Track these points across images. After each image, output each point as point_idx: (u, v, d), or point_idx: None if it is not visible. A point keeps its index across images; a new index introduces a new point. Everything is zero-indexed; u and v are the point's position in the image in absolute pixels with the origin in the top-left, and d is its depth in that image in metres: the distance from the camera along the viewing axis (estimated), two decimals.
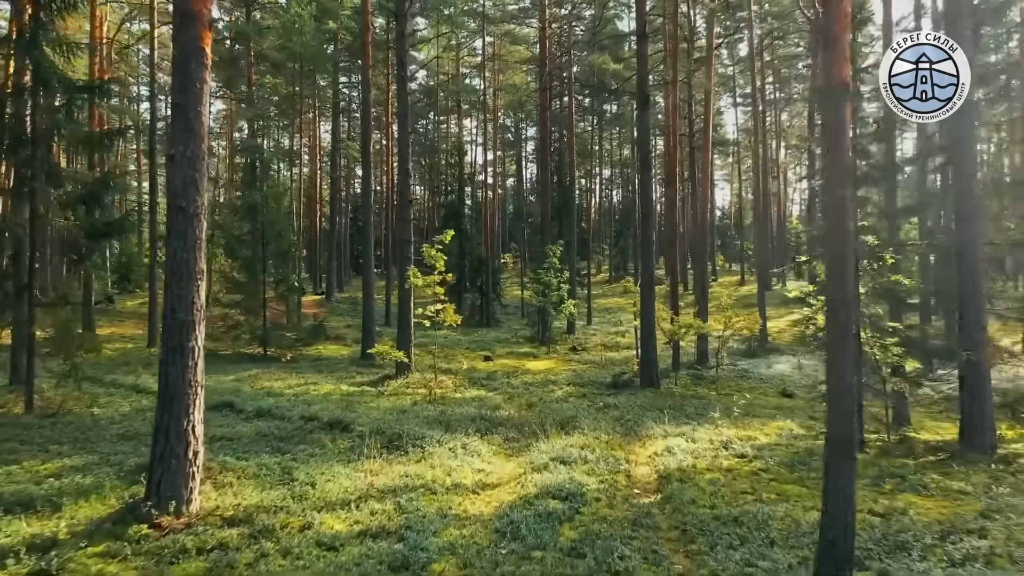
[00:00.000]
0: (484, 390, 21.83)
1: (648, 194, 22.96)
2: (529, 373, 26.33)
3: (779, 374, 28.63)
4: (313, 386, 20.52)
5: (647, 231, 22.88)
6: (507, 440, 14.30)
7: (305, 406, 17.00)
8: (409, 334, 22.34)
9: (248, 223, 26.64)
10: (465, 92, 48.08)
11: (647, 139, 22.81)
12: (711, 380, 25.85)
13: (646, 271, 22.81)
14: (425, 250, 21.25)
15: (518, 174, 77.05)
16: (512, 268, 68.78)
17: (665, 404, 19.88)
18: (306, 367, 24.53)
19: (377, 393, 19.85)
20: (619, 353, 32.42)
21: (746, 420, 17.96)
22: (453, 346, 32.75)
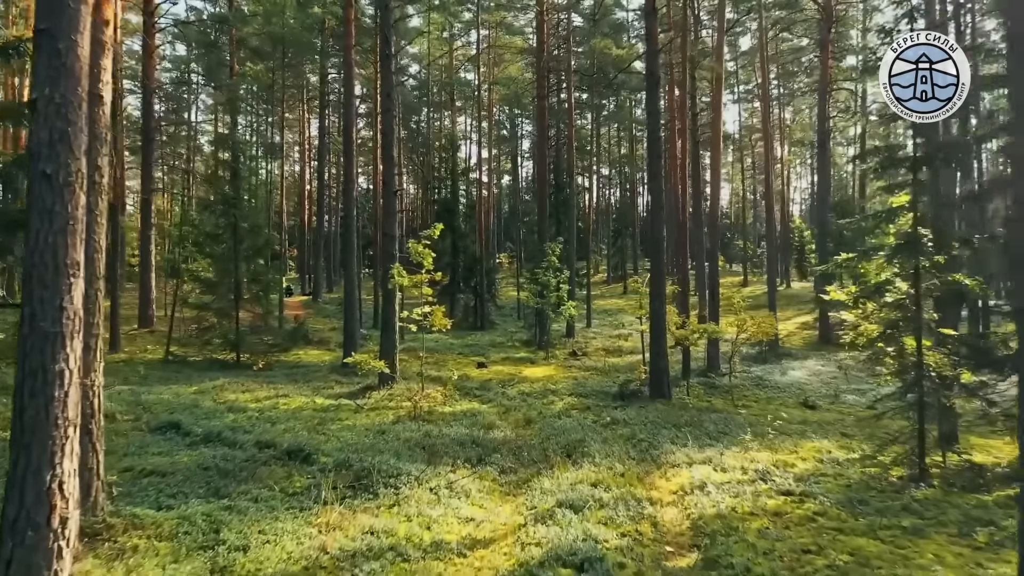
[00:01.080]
0: (477, 402, 19.21)
1: (658, 182, 20.37)
2: (526, 381, 23.72)
3: (796, 382, 26.07)
4: (283, 399, 17.85)
5: (657, 225, 20.28)
6: (503, 472, 11.65)
7: (268, 426, 14.35)
8: (393, 339, 19.70)
9: (221, 218, 23.92)
10: (459, 85, 45.37)
11: (657, 123, 20.21)
12: (725, 389, 23.36)
13: (656, 270, 20.22)
14: (411, 246, 18.63)
15: (514, 172, 74.40)
16: (508, 268, 66.17)
17: (681, 419, 17.31)
18: (280, 376, 21.84)
19: (355, 408, 17.18)
20: (622, 359, 29.82)
21: (775, 439, 15.43)
22: (445, 350, 30.10)
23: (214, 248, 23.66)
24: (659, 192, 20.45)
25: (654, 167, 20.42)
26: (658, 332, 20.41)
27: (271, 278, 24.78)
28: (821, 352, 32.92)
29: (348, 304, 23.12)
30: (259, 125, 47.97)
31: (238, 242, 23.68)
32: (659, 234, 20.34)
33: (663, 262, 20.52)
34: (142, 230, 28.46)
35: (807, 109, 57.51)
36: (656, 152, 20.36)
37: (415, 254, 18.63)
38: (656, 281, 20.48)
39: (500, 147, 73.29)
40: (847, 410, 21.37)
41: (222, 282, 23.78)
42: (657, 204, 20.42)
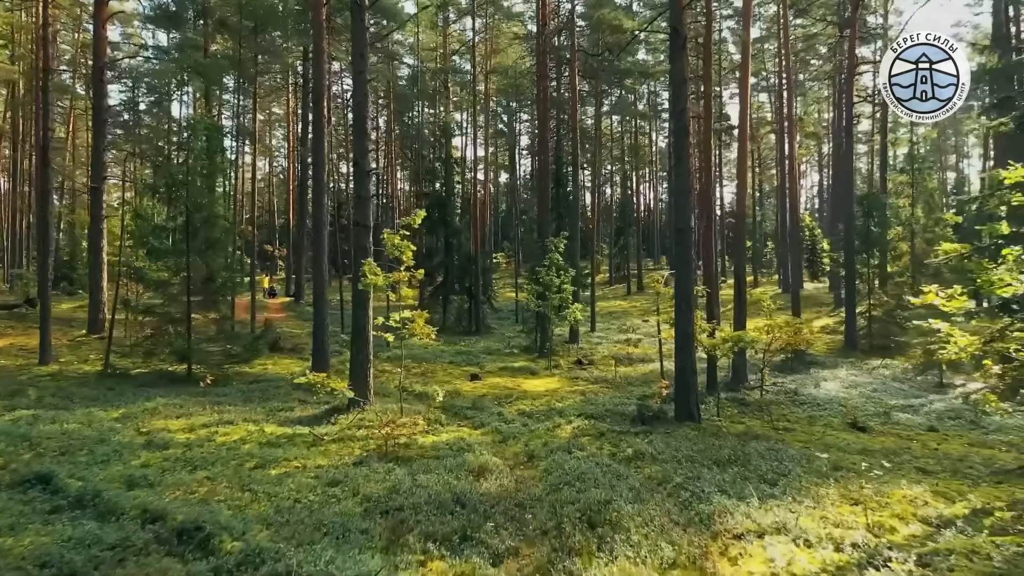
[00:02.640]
0: (467, 428, 15.40)
1: (684, 163, 16.51)
2: (527, 397, 19.92)
3: (833, 396, 22.32)
4: (225, 428, 13.97)
5: (683, 213, 16.47)
6: (497, 559, 7.76)
7: (183, 474, 10.53)
8: (366, 351, 15.84)
9: (171, 206, 20.02)
10: (454, 73, 41.45)
11: (683, 92, 16.37)
12: (758, 407, 19.66)
13: (682, 267, 16.40)
14: (386, 237, 14.78)
15: (512, 169, 70.46)
16: (506, 268, 62.32)
17: (721, 453, 13.54)
18: (234, 393, 17.94)
19: (311, 441, 13.30)
20: (634, 368, 25.99)
21: (846, 481, 11.70)
22: (434, 359, 26.25)
23: (162, 242, 19.73)
24: (686, 174, 16.59)
25: (680, 145, 16.56)
26: (685, 341, 16.58)
27: (231, 276, 20.82)
28: (850, 359, 29.20)
29: (317, 308, 19.24)
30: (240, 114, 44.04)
31: (191, 235, 19.76)
32: (685, 223, 16.50)
33: (691, 257, 16.69)
34: (92, 224, 24.52)
35: (818, 102, 53.78)
36: (682, 126, 16.52)
37: (391, 247, 14.79)
38: (682, 280, 16.65)
39: (497, 142, 69.41)
40: (904, 433, 17.73)
41: (172, 282, 19.86)
42: (683, 187, 16.57)
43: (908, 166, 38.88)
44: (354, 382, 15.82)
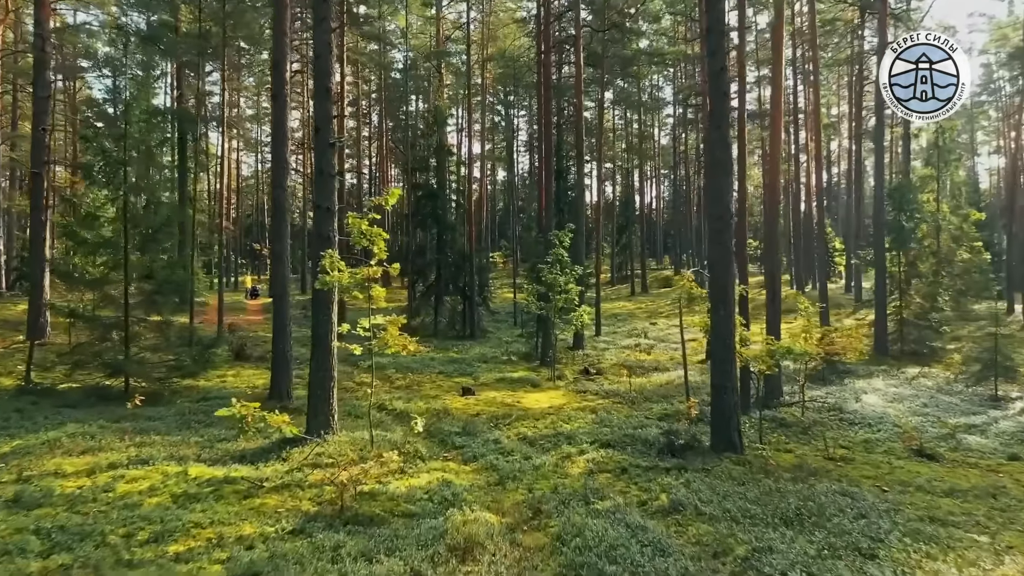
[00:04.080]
0: (454, 464, 11.98)
1: (723, 132, 13.07)
2: (528, 417, 16.51)
3: (881, 413, 19.00)
4: (137, 470, 10.51)
5: (721, 198, 13.04)
6: None
7: (32, 560, 7.03)
8: (328, 365, 12.38)
9: (106, 190, 16.49)
10: (447, 57, 37.96)
11: (721, 47, 12.97)
12: (802, 428, 16.41)
13: (720, 267, 13.02)
14: (351, 221, 11.32)
15: (509, 166, 66.99)
16: (503, 268, 58.83)
17: (785, 503, 10.28)
18: (170, 417, 14.43)
19: (247, 489, 9.84)
20: (648, 379, 22.54)
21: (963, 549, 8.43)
22: (422, 368, 22.81)
23: (96, 233, 16.22)
24: (724, 148, 13.13)
25: (719, 112, 13.12)
26: (723, 353, 13.17)
27: (174, 273, 17.29)
28: (882, 367, 25.79)
29: (276, 311, 15.78)
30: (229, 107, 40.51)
31: (130, 224, 16.28)
32: (723, 209, 13.05)
33: (730, 251, 13.26)
34: (32, 214, 20.99)
35: (830, 94, 50.38)
36: (721, 88, 13.11)
37: (357, 235, 11.35)
38: (719, 279, 13.23)
39: (495, 137, 65.95)
40: (983, 462, 14.42)
41: (107, 280, 16.36)
42: (721, 165, 13.12)
43: (933, 158, 35.72)
44: (313, 405, 12.39)
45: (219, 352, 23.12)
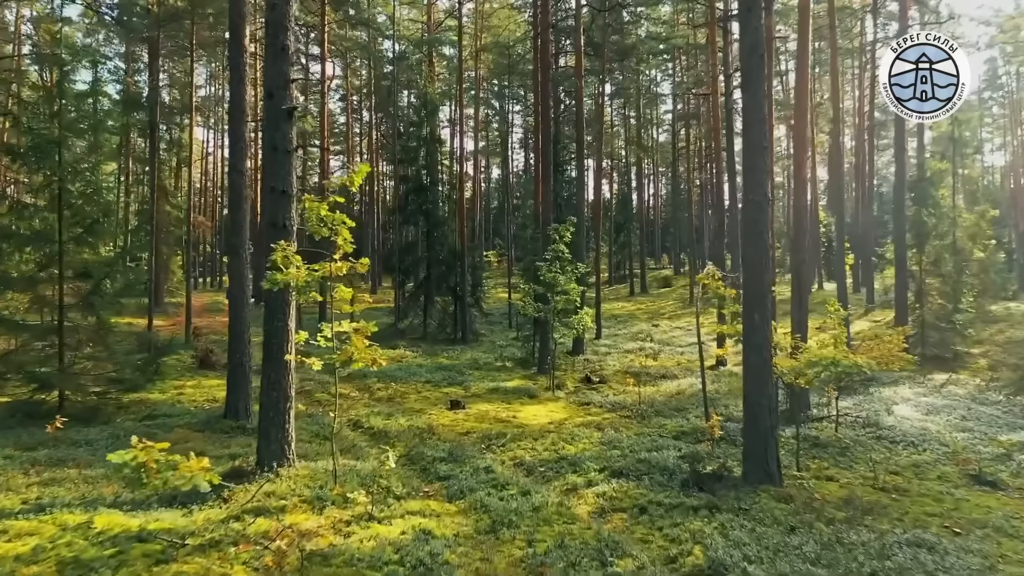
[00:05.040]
0: (433, 503, 9.66)
1: (759, 107, 10.78)
2: (525, 437, 14.22)
3: (917, 427, 16.88)
4: (28, 522, 8.14)
5: (757, 179, 10.75)
6: None
7: None
8: (283, 384, 10.05)
9: (37, 175, 14.08)
10: (438, 44, 35.58)
11: (757, 7, 10.66)
12: (839, 449, 14.31)
13: (754, 264, 10.76)
14: (307, 205, 9.00)
15: (504, 163, 64.67)
16: (497, 267, 56.50)
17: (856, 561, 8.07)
18: (101, 441, 12.03)
19: (162, 550, 7.46)
20: (657, 388, 20.25)
21: None
22: (407, 377, 20.48)
23: (26, 223, 13.83)
24: (760, 122, 10.82)
25: (753, 80, 10.80)
26: (759, 367, 10.88)
27: (128, 271, 14.89)
28: (905, 373, 23.45)
29: (233, 315, 13.42)
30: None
31: (70, 214, 13.89)
32: (760, 193, 10.77)
33: (767, 246, 10.98)
34: None
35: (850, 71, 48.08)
36: (757, 54, 10.76)
37: (315, 222, 9.05)
38: (754, 278, 10.93)
39: (488, 135, 63.56)
40: None
41: (38, 279, 13.96)
42: (756, 141, 10.81)
43: (948, 151, 33.60)
44: (265, 432, 10.06)
45: (183, 358, 20.81)
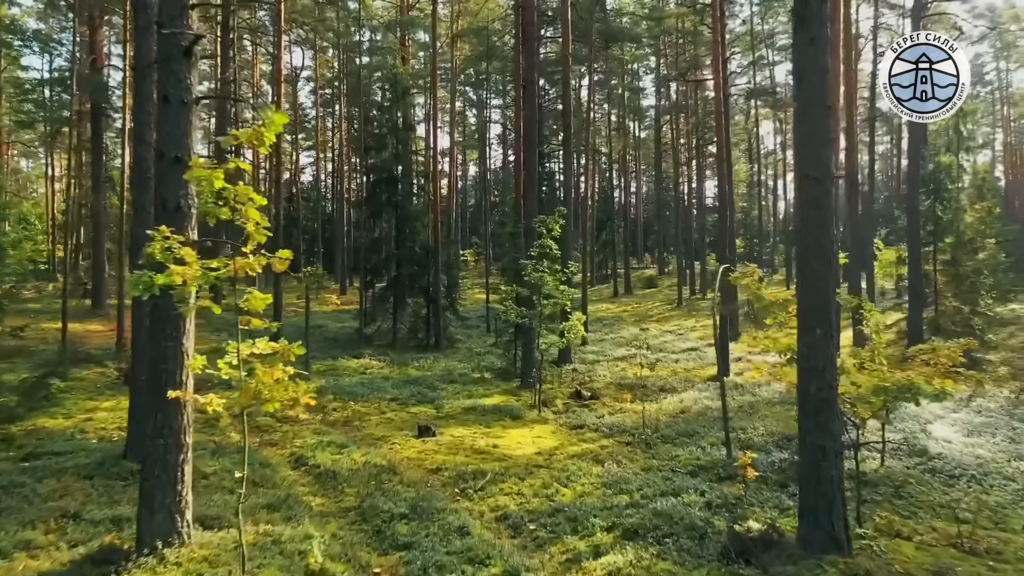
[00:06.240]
0: None
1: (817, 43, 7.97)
2: (510, 477, 11.37)
3: (967, 453, 14.42)
4: None
5: (819, 153, 7.93)
6: None
7: None
8: (174, 423, 7.02)
9: None
10: (411, 26, 32.52)
11: None
12: (892, 489, 11.73)
13: (814, 264, 7.98)
14: (196, 173, 6.00)
15: (482, 159, 61.68)
16: (475, 267, 53.45)
17: None
18: None
19: None
20: (659, 405, 17.40)
21: None
22: (369, 393, 17.43)
23: None
24: (820, 72, 8.03)
25: (813, 17, 7.97)
26: (821, 397, 8.03)
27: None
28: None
29: (138, 323, 10.32)
30: None
31: None
32: (823, 168, 7.96)
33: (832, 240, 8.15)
34: None
35: None
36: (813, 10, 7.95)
37: (208, 197, 6.09)
38: (815, 284, 8.06)
39: (465, 129, 60.54)
40: None
41: None
42: (817, 100, 8.00)
43: (952, 144, 31.34)
44: (147, 495, 7.06)
45: (108, 372, 17.61)
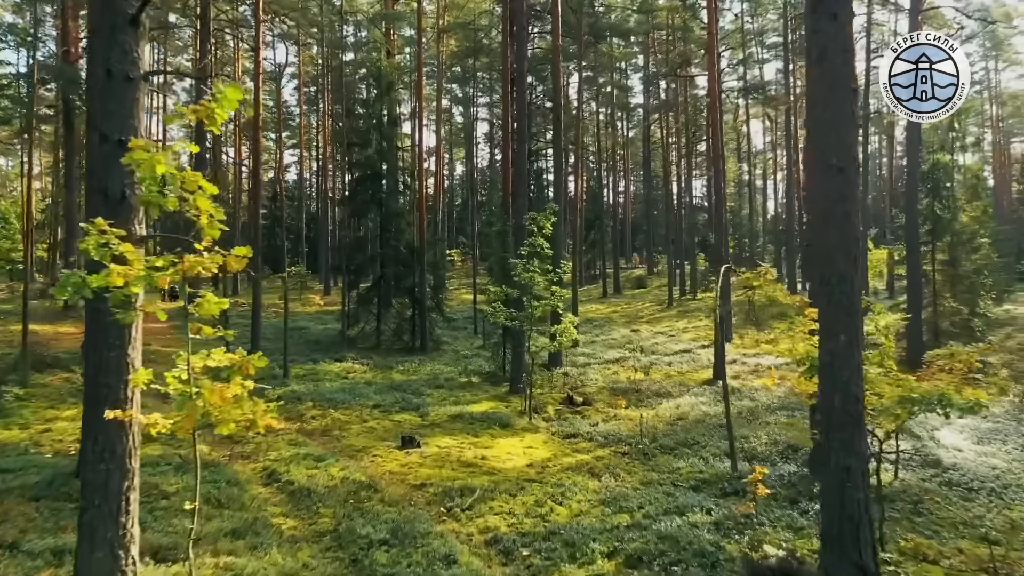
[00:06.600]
0: None
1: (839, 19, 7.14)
2: (499, 493, 10.51)
3: (982, 463, 14.02)
4: None
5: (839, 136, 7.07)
6: None
7: None
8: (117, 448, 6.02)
9: None
10: (396, 20, 31.49)
11: None
12: (911, 504, 11.14)
13: (840, 261, 7.13)
14: (136, 156, 5.01)
15: (468, 157, 60.64)
16: (462, 267, 52.43)
17: None
18: None
19: None
20: (655, 411, 16.61)
21: None
22: (351, 400, 16.45)
23: None
24: (841, 43, 7.21)
25: None
26: (848, 416, 7.09)
27: None
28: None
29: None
30: None
31: None
32: (846, 155, 7.12)
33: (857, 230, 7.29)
34: None
35: None
36: None
37: (149, 184, 5.12)
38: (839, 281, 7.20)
39: (452, 127, 59.49)
40: None
41: None
42: (840, 81, 7.16)
43: (947, 142, 30.84)
44: (90, 528, 6.03)
45: (74, 378, 16.54)
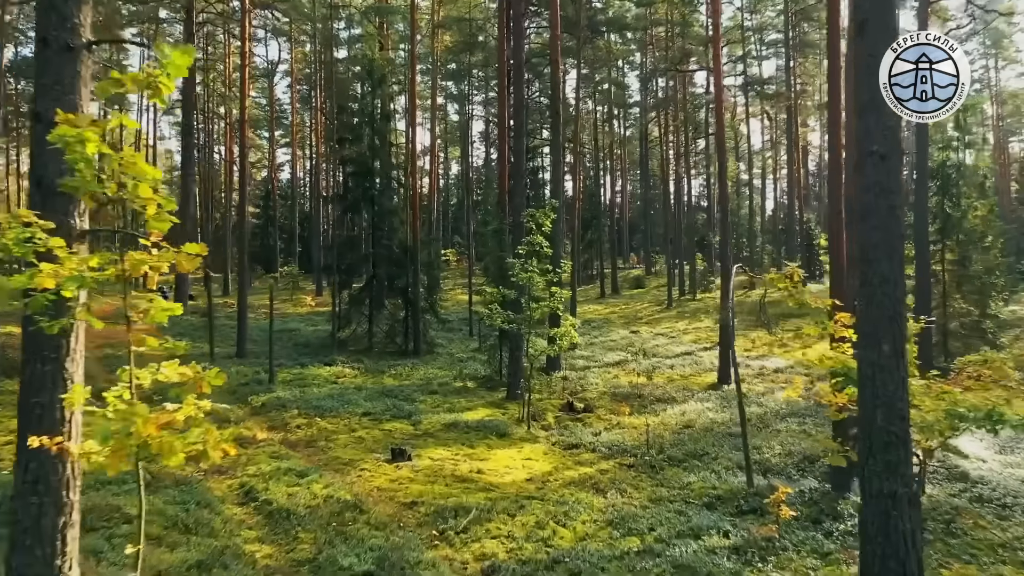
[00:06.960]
0: None
1: None
2: (497, 513, 9.65)
3: (1009, 476, 12.96)
4: None
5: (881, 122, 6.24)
6: None
7: None
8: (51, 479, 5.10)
9: None
10: (389, 14, 30.57)
11: None
12: (943, 524, 10.36)
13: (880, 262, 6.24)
14: (63, 131, 4.08)
15: (463, 156, 59.67)
16: (457, 267, 51.51)
17: None
18: None
19: None
20: (660, 418, 15.74)
21: None
22: (339, 407, 15.50)
23: None
24: (885, 21, 6.38)
25: None
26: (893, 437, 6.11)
27: None
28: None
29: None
30: None
31: None
32: (889, 141, 6.29)
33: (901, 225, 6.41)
34: None
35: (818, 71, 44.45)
36: None
37: (82, 166, 4.19)
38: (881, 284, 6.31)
39: (447, 125, 58.54)
40: None
41: None
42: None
43: (953, 140, 30.07)
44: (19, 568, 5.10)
45: None
